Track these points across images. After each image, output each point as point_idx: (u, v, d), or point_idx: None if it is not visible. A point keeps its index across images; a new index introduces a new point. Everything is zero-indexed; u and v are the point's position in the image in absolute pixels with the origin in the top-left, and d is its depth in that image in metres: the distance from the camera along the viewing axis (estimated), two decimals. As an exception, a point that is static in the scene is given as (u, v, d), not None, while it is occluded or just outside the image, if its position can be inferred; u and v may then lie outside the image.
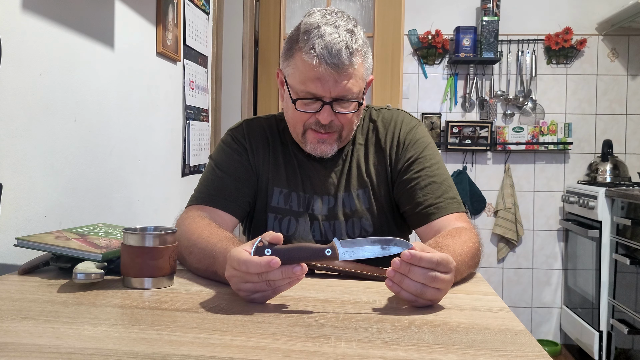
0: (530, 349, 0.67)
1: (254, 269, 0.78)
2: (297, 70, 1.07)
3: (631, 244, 2.54)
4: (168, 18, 1.93)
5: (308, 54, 1.03)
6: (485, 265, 3.40)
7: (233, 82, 2.97)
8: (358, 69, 1.07)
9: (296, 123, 1.13)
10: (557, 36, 3.28)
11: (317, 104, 1.08)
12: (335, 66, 1.03)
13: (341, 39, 1.03)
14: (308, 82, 1.06)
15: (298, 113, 1.10)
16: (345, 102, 1.09)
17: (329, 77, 1.04)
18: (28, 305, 0.79)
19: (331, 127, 1.11)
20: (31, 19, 1.17)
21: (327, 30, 1.03)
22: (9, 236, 1.10)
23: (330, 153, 1.15)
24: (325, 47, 1.02)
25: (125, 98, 1.64)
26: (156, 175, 1.90)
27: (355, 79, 1.07)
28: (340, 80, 1.05)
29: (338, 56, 1.02)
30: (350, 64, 1.04)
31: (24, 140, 1.15)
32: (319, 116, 1.08)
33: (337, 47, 1.02)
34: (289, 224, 1.20)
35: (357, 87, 1.08)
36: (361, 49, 1.07)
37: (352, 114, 1.11)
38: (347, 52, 1.03)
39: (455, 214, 1.13)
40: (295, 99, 1.09)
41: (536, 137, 3.28)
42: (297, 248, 0.81)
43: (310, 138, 1.13)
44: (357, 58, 1.06)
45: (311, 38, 1.04)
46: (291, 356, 0.62)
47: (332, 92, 1.06)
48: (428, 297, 0.80)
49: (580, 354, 3.09)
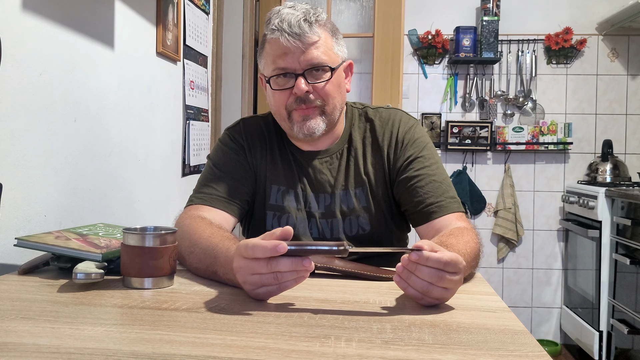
0: (530, 349, 0.67)
1: (261, 253, 0.78)
2: (268, 56, 1.13)
3: (631, 244, 2.54)
4: (168, 18, 1.93)
5: (271, 32, 1.10)
6: (485, 265, 3.40)
7: (233, 82, 2.97)
8: (325, 41, 1.11)
9: (279, 108, 1.15)
10: (557, 36, 3.28)
11: (291, 80, 1.11)
12: (297, 36, 1.08)
13: (298, 13, 1.09)
14: (276, 59, 1.11)
15: (277, 96, 1.13)
16: (317, 72, 1.11)
17: (295, 49, 1.09)
18: (28, 305, 0.79)
19: (311, 101, 1.12)
20: (31, 19, 1.17)
21: (285, 10, 1.10)
22: (9, 236, 1.10)
23: (318, 130, 1.14)
24: (283, 21, 1.08)
25: (125, 98, 1.64)
26: (156, 175, 1.90)
27: (325, 48, 1.11)
28: (306, 49, 1.09)
29: (298, 26, 1.08)
30: (313, 32, 1.09)
31: (24, 140, 1.16)
32: (295, 89, 1.11)
33: (295, 19, 1.08)
34: (287, 222, 1.20)
35: (327, 56, 1.12)
36: (325, 24, 1.13)
37: (329, 86, 1.13)
38: (307, 22, 1.09)
39: (456, 213, 1.14)
40: (268, 77, 1.13)
41: (536, 137, 3.28)
42: (306, 243, 0.82)
43: (295, 117, 1.14)
44: (320, 30, 1.11)
45: (272, 20, 1.10)
46: (291, 356, 0.62)
47: (301, 62, 1.10)
48: (434, 295, 0.80)
49: (580, 354, 3.09)
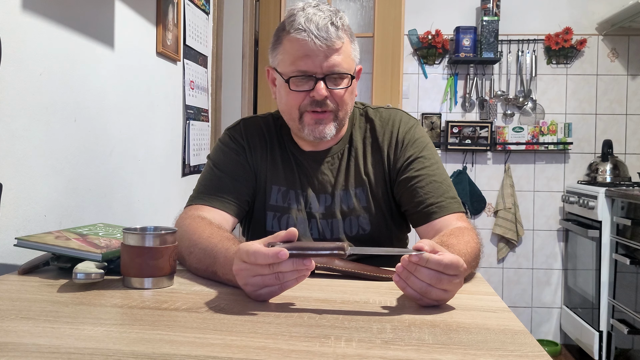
0: (530, 349, 0.67)
1: (263, 260, 0.78)
2: (287, 54, 1.11)
3: (631, 244, 2.54)
4: (168, 18, 1.93)
5: (296, 32, 1.07)
6: (485, 265, 3.40)
7: (233, 82, 2.97)
8: (346, 47, 1.11)
9: (291, 108, 1.13)
10: (557, 36, 3.28)
11: (310, 82, 1.10)
12: (324, 39, 1.06)
13: (325, 16, 1.08)
14: (298, 61, 1.09)
15: (292, 96, 1.11)
16: (337, 78, 1.11)
17: (319, 52, 1.07)
18: (28, 305, 0.79)
19: (327, 105, 1.11)
20: (31, 19, 1.17)
21: (311, 10, 1.09)
22: (9, 236, 1.10)
23: (328, 134, 1.14)
24: (311, 22, 1.07)
25: (125, 98, 1.64)
26: (156, 175, 1.90)
27: (345, 55, 1.10)
28: (330, 54, 1.08)
29: (325, 30, 1.06)
30: (338, 37, 1.08)
31: (24, 140, 1.15)
32: (313, 93, 1.10)
33: (323, 22, 1.07)
34: (287, 222, 1.20)
35: (347, 63, 1.11)
36: (347, 29, 1.12)
37: (345, 93, 1.12)
38: (334, 27, 1.07)
39: (456, 213, 1.13)
40: (288, 78, 1.11)
41: (536, 137, 3.28)
42: (307, 244, 0.82)
43: (308, 120, 1.13)
44: (344, 35, 1.10)
45: (297, 18, 1.08)
46: (291, 356, 0.62)
47: (324, 67, 1.09)
48: (433, 297, 0.80)
49: (580, 354, 3.09)
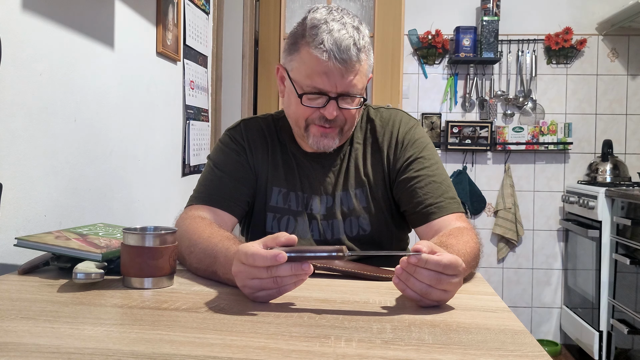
0: (530, 349, 0.67)
1: (261, 262, 0.78)
2: (304, 65, 1.08)
3: (631, 244, 2.54)
4: (168, 18, 1.93)
5: (317, 49, 1.04)
6: (485, 265, 3.40)
7: (233, 82, 2.97)
8: (363, 66, 1.08)
9: (299, 118, 1.13)
10: (557, 36, 3.28)
11: (322, 99, 1.09)
12: (343, 62, 1.04)
13: (349, 35, 1.04)
14: (315, 77, 1.06)
15: (302, 108, 1.11)
16: (350, 98, 1.10)
17: (337, 72, 1.05)
18: (28, 305, 0.79)
19: (335, 122, 1.11)
20: (31, 19, 1.17)
21: (335, 26, 1.05)
22: (9, 236, 1.10)
23: (332, 147, 1.15)
24: (334, 43, 1.03)
25: (125, 98, 1.64)
26: (156, 175, 1.90)
27: (360, 75, 1.08)
28: (347, 76, 1.06)
29: (347, 52, 1.03)
30: (358, 60, 1.06)
31: (24, 140, 1.15)
32: (324, 111, 1.09)
33: (345, 43, 1.03)
34: (287, 224, 1.20)
35: (362, 83, 1.09)
36: (367, 46, 1.09)
37: (355, 112, 1.12)
38: (355, 48, 1.04)
39: (455, 214, 1.13)
40: (301, 93, 1.09)
41: (536, 137, 3.28)
42: (306, 247, 0.81)
43: (314, 131, 1.13)
44: (363, 55, 1.07)
45: (320, 33, 1.04)
46: (291, 356, 0.62)
47: (339, 88, 1.07)
48: (433, 297, 0.80)
49: (580, 354, 3.09)
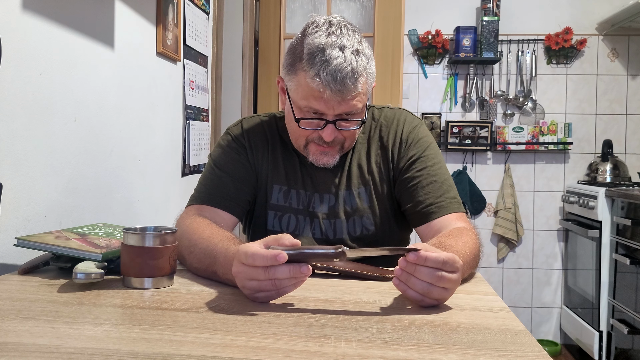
0: (530, 349, 0.67)
1: (261, 262, 0.78)
2: (300, 88, 1.06)
3: (631, 244, 2.54)
4: (168, 18, 1.93)
5: (312, 80, 1.02)
6: (485, 265, 3.40)
7: (233, 82, 2.97)
8: (362, 88, 1.05)
9: (298, 137, 1.14)
10: (557, 36, 3.28)
11: (320, 121, 1.08)
12: (340, 92, 1.02)
13: (347, 64, 1.01)
14: (311, 100, 1.05)
15: (300, 130, 1.11)
16: (348, 118, 1.09)
17: (334, 100, 1.04)
18: (28, 305, 0.79)
19: (334, 142, 1.12)
20: (31, 19, 1.17)
21: (333, 54, 1.01)
22: (9, 236, 1.10)
23: (332, 163, 1.16)
24: (330, 74, 1.00)
25: (125, 98, 1.64)
26: (156, 175, 1.90)
27: (360, 97, 1.06)
28: (345, 103, 1.05)
29: (342, 82, 1.01)
30: (355, 87, 1.03)
31: (24, 140, 1.15)
32: (322, 133, 1.09)
33: (342, 75, 1.00)
34: (288, 222, 1.20)
35: (362, 103, 1.08)
36: (366, 67, 1.05)
37: (355, 130, 1.12)
38: (353, 78, 1.02)
39: (455, 213, 1.13)
40: (298, 118, 1.09)
41: (536, 137, 3.28)
42: (305, 248, 0.81)
43: (313, 150, 1.14)
44: (362, 79, 1.04)
45: (316, 63, 1.02)
46: (291, 356, 0.62)
47: (336, 111, 1.06)
48: (435, 296, 0.80)
49: (580, 354, 3.09)
